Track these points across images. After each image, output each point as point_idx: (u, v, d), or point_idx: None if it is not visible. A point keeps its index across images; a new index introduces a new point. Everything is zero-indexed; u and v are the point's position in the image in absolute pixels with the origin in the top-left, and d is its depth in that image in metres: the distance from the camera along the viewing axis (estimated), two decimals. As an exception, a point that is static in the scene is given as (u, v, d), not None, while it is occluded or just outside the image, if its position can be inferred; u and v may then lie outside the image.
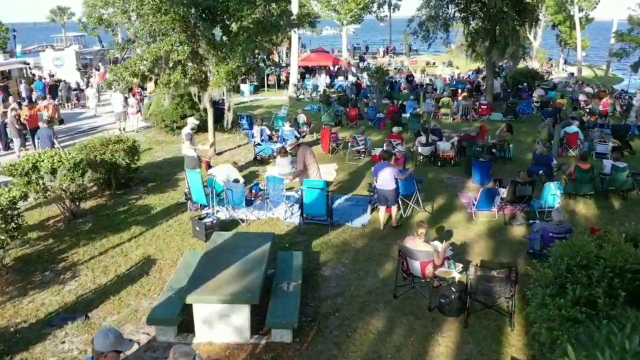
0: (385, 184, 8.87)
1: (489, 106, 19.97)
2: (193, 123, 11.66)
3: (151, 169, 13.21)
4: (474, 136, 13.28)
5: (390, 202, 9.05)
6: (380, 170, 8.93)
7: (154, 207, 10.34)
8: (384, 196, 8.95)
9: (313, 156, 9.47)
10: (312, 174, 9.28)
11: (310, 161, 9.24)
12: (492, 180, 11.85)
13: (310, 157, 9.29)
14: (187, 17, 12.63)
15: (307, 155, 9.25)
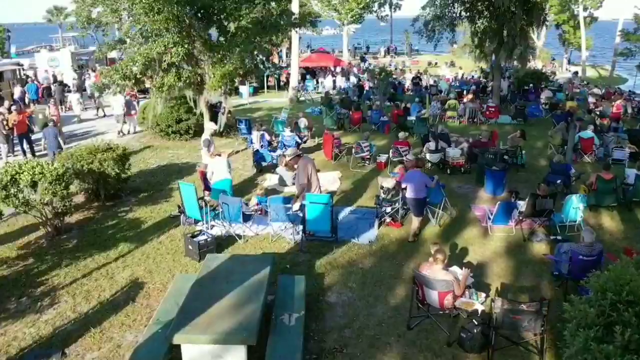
0: (418, 193, 8.48)
1: (496, 109, 19.25)
2: (211, 129, 10.98)
3: (144, 177, 12.49)
4: (485, 142, 12.56)
5: (419, 212, 8.65)
6: (412, 178, 8.50)
7: (145, 221, 9.62)
8: (413, 206, 8.60)
9: (314, 168, 8.75)
10: (314, 188, 8.56)
11: (312, 174, 8.52)
12: (506, 190, 11.15)
13: (312, 170, 8.57)
14: (182, 16, 11.95)
15: (310, 168, 8.52)
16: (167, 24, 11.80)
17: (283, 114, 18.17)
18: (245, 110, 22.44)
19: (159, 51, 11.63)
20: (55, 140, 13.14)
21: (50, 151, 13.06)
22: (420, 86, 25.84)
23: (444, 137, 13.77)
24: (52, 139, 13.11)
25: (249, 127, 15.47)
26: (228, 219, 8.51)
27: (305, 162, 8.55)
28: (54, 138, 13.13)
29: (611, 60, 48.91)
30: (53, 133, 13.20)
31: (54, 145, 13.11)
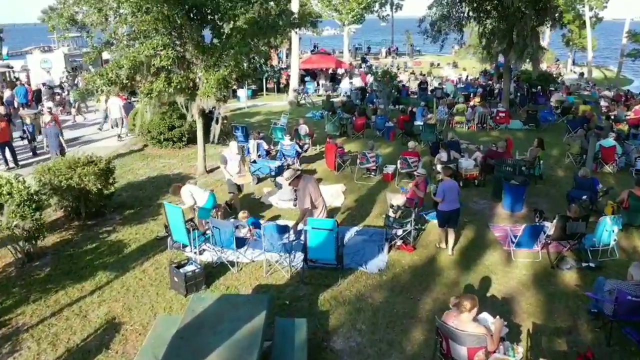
0: (453, 204, 8.13)
1: (507, 114, 18.28)
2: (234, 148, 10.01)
3: (131, 190, 11.52)
4: (501, 153, 11.58)
5: (454, 223, 8.26)
6: (450, 188, 8.10)
7: (128, 243, 8.65)
8: (450, 218, 8.16)
9: (317, 189, 7.76)
10: (318, 212, 7.55)
11: (315, 196, 7.52)
12: (525, 206, 10.20)
13: (315, 191, 7.58)
14: (172, 16, 10.97)
15: (312, 189, 7.53)
16: (156, 24, 10.82)
17: (282, 120, 17.22)
18: (243, 115, 21.49)
19: (147, 54, 10.65)
20: (57, 140, 13.00)
21: (52, 151, 13.05)
22: (426, 90, 24.78)
23: (454, 146, 12.80)
24: (54, 138, 12.99)
25: (245, 135, 14.52)
26: (219, 245, 7.54)
27: (305, 183, 7.55)
28: (55, 137, 13.00)
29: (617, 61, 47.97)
30: (54, 132, 13.05)
31: (55, 145, 13.02)
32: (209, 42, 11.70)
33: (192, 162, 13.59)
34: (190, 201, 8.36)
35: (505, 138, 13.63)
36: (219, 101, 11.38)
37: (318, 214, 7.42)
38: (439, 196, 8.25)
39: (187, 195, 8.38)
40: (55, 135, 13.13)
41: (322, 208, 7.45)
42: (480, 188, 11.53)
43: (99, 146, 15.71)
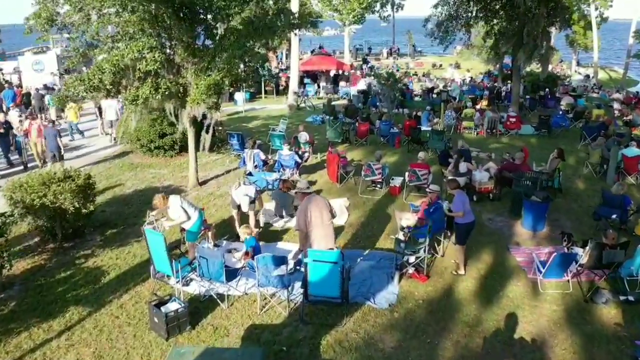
0: (472, 214, 7.68)
1: (518, 119, 17.33)
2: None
3: (116, 205, 10.59)
4: (518, 165, 10.63)
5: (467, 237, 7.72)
6: (464, 201, 7.54)
7: (107, 271, 7.72)
8: (468, 232, 7.65)
9: (320, 212, 6.76)
10: (317, 238, 6.52)
11: (316, 221, 6.52)
12: (547, 224, 9.28)
13: (316, 215, 6.60)
14: (161, 16, 10.05)
15: (313, 212, 6.54)
16: (142, 25, 9.91)
17: (281, 125, 16.29)
18: (240, 119, 20.55)
19: (132, 57, 9.73)
20: (55, 141, 12.67)
21: (50, 152, 12.81)
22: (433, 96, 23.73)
23: (465, 155, 11.86)
24: (52, 139, 12.66)
25: (241, 143, 13.58)
26: (207, 277, 6.61)
27: (307, 203, 6.61)
28: (54, 138, 12.67)
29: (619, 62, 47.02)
30: (52, 133, 12.71)
31: (53, 146, 12.71)
32: (200, 44, 10.76)
33: (184, 172, 12.66)
34: (181, 216, 7.39)
35: (520, 147, 12.72)
36: (211, 109, 10.45)
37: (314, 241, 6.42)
38: (459, 208, 7.48)
39: (177, 209, 7.38)
40: (54, 136, 12.73)
41: (321, 235, 6.43)
42: (496, 203, 10.59)
43: (85, 152, 14.83)
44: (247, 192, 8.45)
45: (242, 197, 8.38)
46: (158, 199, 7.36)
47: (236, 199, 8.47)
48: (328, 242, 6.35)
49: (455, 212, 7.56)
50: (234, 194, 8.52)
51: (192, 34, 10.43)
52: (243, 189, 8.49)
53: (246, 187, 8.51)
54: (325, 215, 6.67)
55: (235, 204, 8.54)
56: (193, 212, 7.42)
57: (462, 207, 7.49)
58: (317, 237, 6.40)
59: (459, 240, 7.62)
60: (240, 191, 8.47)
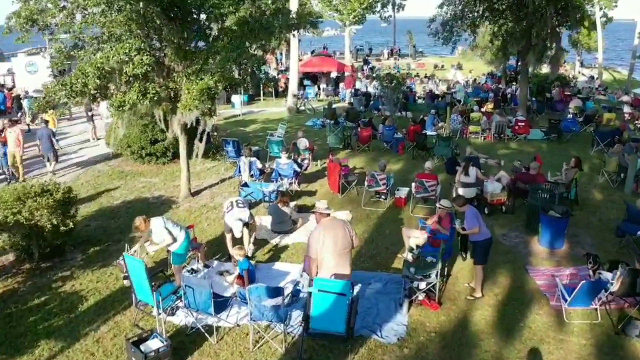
0: (487, 230, 7.04)
1: (527, 123, 16.61)
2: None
3: (102, 219, 9.87)
4: (533, 175, 9.90)
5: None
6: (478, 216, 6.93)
7: (86, 296, 7.01)
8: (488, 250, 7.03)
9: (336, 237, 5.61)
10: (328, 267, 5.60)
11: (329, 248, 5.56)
12: (566, 241, 8.56)
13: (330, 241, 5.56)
14: (149, 15, 9.35)
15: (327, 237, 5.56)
16: (129, 25, 9.21)
17: (280, 130, 15.57)
18: (237, 123, 19.83)
19: (118, 60, 9.02)
20: (49, 142, 12.44)
21: (45, 153, 12.55)
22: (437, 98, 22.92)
23: (474, 163, 11.14)
24: (46, 140, 12.41)
25: (237, 150, 12.85)
26: (194, 308, 5.89)
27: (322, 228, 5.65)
28: (47, 139, 12.42)
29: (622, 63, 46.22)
30: (47, 134, 12.48)
31: (47, 147, 12.45)
32: (192, 46, 10.05)
33: (176, 181, 11.94)
34: (166, 239, 6.66)
35: (531, 153, 12.01)
36: (205, 115, 9.74)
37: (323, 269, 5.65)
38: (474, 224, 6.80)
39: (160, 231, 6.66)
40: (48, 136, 12.44)
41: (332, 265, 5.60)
42: (509, 216, 9.88)
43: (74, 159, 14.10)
44: (240, 216, 7.69)
45: (235, 221, 7.63)
46: (139, 222, 6.62)
47: (228, 223, 7.74)
48: (339, 271, 5.57)
49: (471, 229, 6.84)
50: (226, 218, 7.78)
51: (183, 35, 9.72)
52: (236, 212, 7.73)
53: (239, 210, 7.74)
54: (341, 241, 5.62)
55: (228, 227, 7.81)
56: (179, 232, 6.71)
57: (476, 222, 6.80)
58: (329, 265, 5.58)
59: (479, 259, 6.90)
60: (232, 215, 7.71)
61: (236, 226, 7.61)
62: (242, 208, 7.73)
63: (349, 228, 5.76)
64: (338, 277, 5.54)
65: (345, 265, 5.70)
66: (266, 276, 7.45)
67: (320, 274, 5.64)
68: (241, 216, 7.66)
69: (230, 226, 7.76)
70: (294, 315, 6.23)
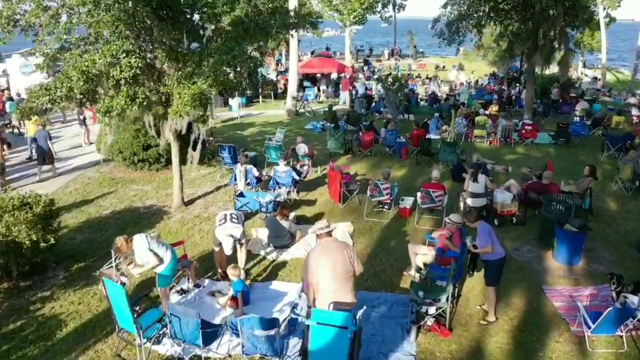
0: (500, 247, 6.45)
1: (534, 126, 16.05)
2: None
3: (88, 231, 9.31)
4: (547, 185, 9.33)
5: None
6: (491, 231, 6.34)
7: (65, 320, 6.45)
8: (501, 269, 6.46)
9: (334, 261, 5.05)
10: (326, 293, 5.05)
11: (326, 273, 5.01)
12: (582, 256, 8.00)
13: (328, 264, 5.04)
14: (139, 15, 8.80)
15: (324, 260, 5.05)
16: (117, 25, 8.65)
17: (278, 134, 15.00)
18: (235, 126, 19.29)
19: (105, 62, 8.46)
20: (45, 144, 12.41)
21: (40, 155, 12.50)
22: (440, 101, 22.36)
23: (483, 171, 10.56)
24: (42, 141, 12.41)
25: (233, 156, 12.30)
26: (181, 338, 5.33)
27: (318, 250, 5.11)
28: (44, 141, 12.42)
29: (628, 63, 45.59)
30: (43, 136, 12.47)
31: (44, 147, 12.40)
32: (185, 48, 9.48)
33: (169, 189, 11.38)
34: (150, 261, 6.11)
35: (539, 158, 11.44)
36: (198, 121, 9.19)
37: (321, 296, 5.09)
38: (486, 242, 6.23)
39: (144, 252, 6.11)
40: (44, 138, 12.44)
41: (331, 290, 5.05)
42: (520, 228, 9.31)
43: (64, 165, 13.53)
44: (232, 232, 7.11)
45: (225, 237, 7.06)
46: (120, 243, 6.03)
47: (218, 237, 7.17)
48: (339, 298, 4.99)
49: (483, 247, 6.28)
50: (217, 231, 7.20)
51: (174, 36, 9.17)
52: (228, 227, 7.15)
53: (232, 225, 7.16)
54: (340, 266, 5.02)
55: (217, 241, 7.24)
56: (165, 253, 6.14)
57: (489, 239, 6.24)
58: (327, 291, 5.02)
59: (492, 281, 6.36)
60: (224, 229, 7.13)
61: (226, 242, 7.04)
62: (235, 224, 7.16)
63: (350, 252, 5.16)
64: (338, 306, 4.98)
65: (346, 292, 5.11)
66: (262, 297, 6.91)
67: (318, 300, 5.08)
68: (233, 232, 7.10)
69: (220, 241, 7.20)
70: (291, 344, 5.70)
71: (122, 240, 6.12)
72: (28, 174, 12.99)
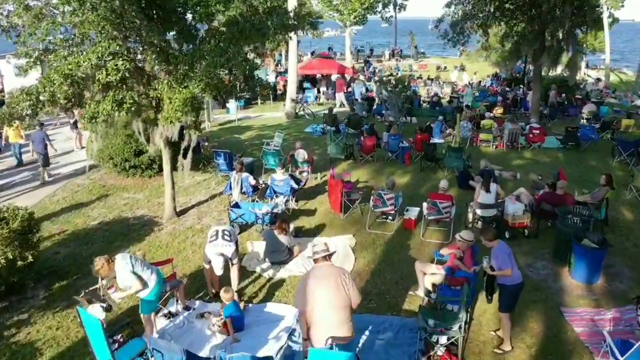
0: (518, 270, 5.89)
1: (541, 130, 15.48)
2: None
3: (74, 245, 8.76)
4: (561, 196, 8.76)
5: None
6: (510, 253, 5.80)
7: (41, 348, 5.90)
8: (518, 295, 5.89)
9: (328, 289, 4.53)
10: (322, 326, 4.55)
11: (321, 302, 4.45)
12: (601, 274, 7.44)
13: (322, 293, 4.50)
14: (128, 15, 8.25)
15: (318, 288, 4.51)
16: (102, 25, 8.09)
17: (276, 139, 14.45)
18: (232, 129, 18.74)
19: (90, 65, 7.91)
20: (42, 144, 12.22)
21: (39, 155, 12.27)
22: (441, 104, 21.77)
23: (494, 179, 10.00)
24: (39, 142, 12.23)
25: (229, 162, 11.74)
26: (165, 376, 4.78)
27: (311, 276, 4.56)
28: (41, 141, 12.23)
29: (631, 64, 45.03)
30: (40, 136, 12.29)
31: (40, 148, 12.17)
32: (176, 49, 8.92)
33: (162, 198, 10.80)
34: (133, 285, 5.53)
35: (552, 167, 10.90)
36: (189, 128, 8.64)
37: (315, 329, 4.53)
38: (506, 265, 5.68)
39: (126, 276, 5.50)
40: (41, 139, 12.24)
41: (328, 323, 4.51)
42: (533, 241, 8.76)
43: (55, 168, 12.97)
44: (223, 250, 6.55)
45: (216, 256, 6.50)
46: (100, 264, 5.44)
47: (208, 255, 6.62)
48: (335, 332, 4.44)
49: (503, 270, 5.71)
50: (207, 248, 6.66)
51: (164, 37, 8.61)
52: (220, 244, 6.59)
53: (224, 243, 6.60)
54: (334, 295, 4.50)
55: (207, 259, 6.69)
56: (150, 276, 5.58)
57: (509, 261, 5.69)
58: (321, 323, 4.47)
59: (506, 307, 5.80)
60: (215, 246, 6.58)
61: (216, 261, 6.49)
62: (227, 242, 6.61)
63: (346, 280, 4.57)
64: (335, 341, 4.43)
65: (342, 324, 4.52)
66: (257, 321, 6.35)
67: (312, 331, 4.53)
68: (224, 251, 6.54)
69: (210, 259, 6.65)
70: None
71: (102, 261, 5.54)
72: (15, 180, 12.46)
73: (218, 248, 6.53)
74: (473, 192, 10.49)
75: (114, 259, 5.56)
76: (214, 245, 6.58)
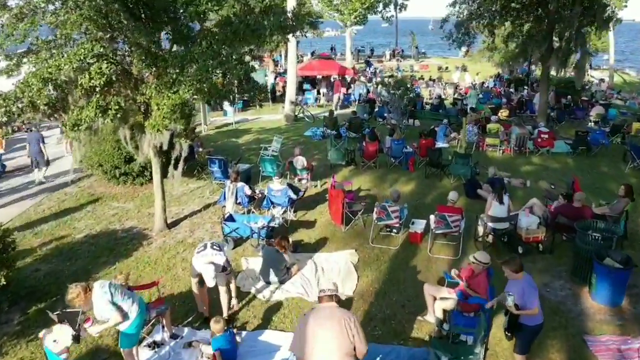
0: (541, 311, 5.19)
1: (550, 135, 14.90)
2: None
3: (56, 260, 8.16)
4: (579, 209, 8.16)
5: None
6: (537, 288, 5.17)
7: (10, 385, 5.32)
8: (537, 335, 5.27)
9: (329, 334, 4.00)
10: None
11: (322, 347, 3.86)
12: (624, 294, 6.86)
13: (324, 337, 3.97)
14: (113, 14, 7.67)
15: (319, 332, 3.95)
16: (87, 25, 7.50)
17: (275, 144, 13.87)
18: (229, 133, 18.14)
19: (72, 68, 7.33)
20: (37, 146, 12.03)
21: (33, 158, 12.18)
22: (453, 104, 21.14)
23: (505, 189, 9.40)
24: (34, 144, 12.06)
25: (224, 170, 11.15)
26: None
27: (311, 318, 3.99)
28: (37, 143, 12.04)
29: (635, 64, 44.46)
30: (35, 138, 12.16)
31: (35, 152, 12.05)
32: (165, 51, 8.33)
33: (152, 208, 10.16)
34: (112, 317, 4.90)
35: (567, 176, 10.29)
36: (180, 136, 8.05)
37: None
38: (532, 303, 5.00)
39: (104, 308, 4.86)
40: (37, 140, 12.08)
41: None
42: (548, 257, 8.17)
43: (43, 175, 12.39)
44: (213, 259, 5.99)
45: (205, 265, 5.92)
46: (76, 293, 4.80)
47: (196, 267, 6.04)
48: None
49: (530, 309, 4.99)
50: (195, 260, 6.08)
51: (153, 38, 8.00)
52: (209, 253, 6.03)
53: (213, 252, 6.05)
54: (336, 340, 3.98)
55: (196, 272, 6.10)
56: (130, 306, 4.98)
57: (536, 299, 5.04)
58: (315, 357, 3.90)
59: (523, 348, 5.20)
60: (204, 256, 6.00)
61: (207, 271, 5.90)
62: (217, 251, 6.04)
63: (351, 325, 3.98)
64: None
65: None
66: (251, 352, 5.77)
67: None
68: (214, 260, 5.97)
69: (199, 271, 6.06)
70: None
71: (78, 289, 4.90)
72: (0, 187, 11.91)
73: (207, 257, 5.95)
74: (481, 201, 9.96)
75: (91, 287, 4.95)
76: (203, 255, 6.01)
